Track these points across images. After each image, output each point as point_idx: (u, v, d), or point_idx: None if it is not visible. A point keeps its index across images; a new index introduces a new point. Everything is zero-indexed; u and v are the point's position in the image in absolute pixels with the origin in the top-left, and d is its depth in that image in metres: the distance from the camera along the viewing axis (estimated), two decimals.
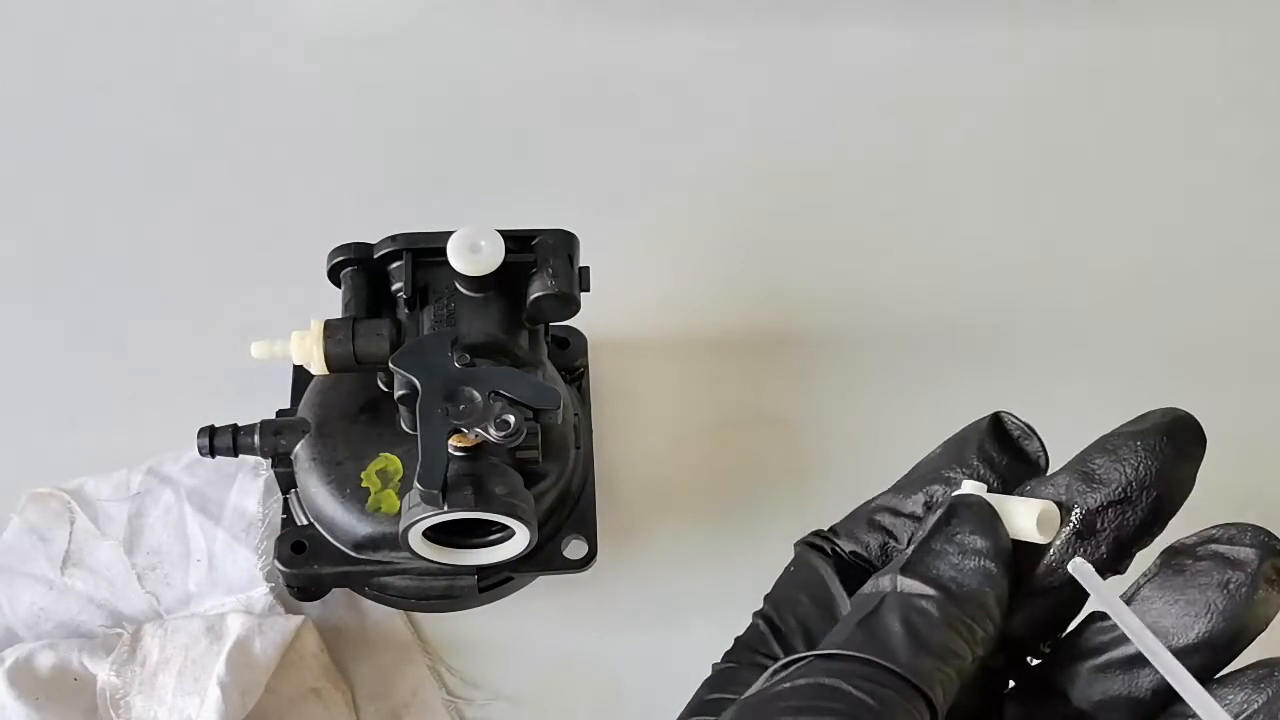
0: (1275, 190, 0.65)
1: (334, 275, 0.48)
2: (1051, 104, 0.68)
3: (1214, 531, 0.34)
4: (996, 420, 0.38)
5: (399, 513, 0.45)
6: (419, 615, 0.51)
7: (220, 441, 0.48)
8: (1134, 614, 0.33)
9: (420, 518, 0.43)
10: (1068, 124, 0.67)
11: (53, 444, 0.54)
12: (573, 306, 0.47)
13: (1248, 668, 0.33)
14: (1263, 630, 0.33)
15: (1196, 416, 0.35)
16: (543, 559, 0.49)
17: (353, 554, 0.48)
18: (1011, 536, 0.35)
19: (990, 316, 0.60)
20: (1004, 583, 0.34)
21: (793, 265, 0.62)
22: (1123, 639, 0.34)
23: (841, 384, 0.58)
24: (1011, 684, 0.38)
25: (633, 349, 0.58)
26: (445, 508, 0.43)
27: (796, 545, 0.39)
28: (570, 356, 0.54)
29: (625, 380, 0.57)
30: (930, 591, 0.34)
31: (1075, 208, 0.64)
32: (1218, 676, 0.33)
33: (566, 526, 0.50)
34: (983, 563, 0.34)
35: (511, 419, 0.42)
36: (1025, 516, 0.35)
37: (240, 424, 0.49)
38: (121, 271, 0.59)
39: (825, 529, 0.39)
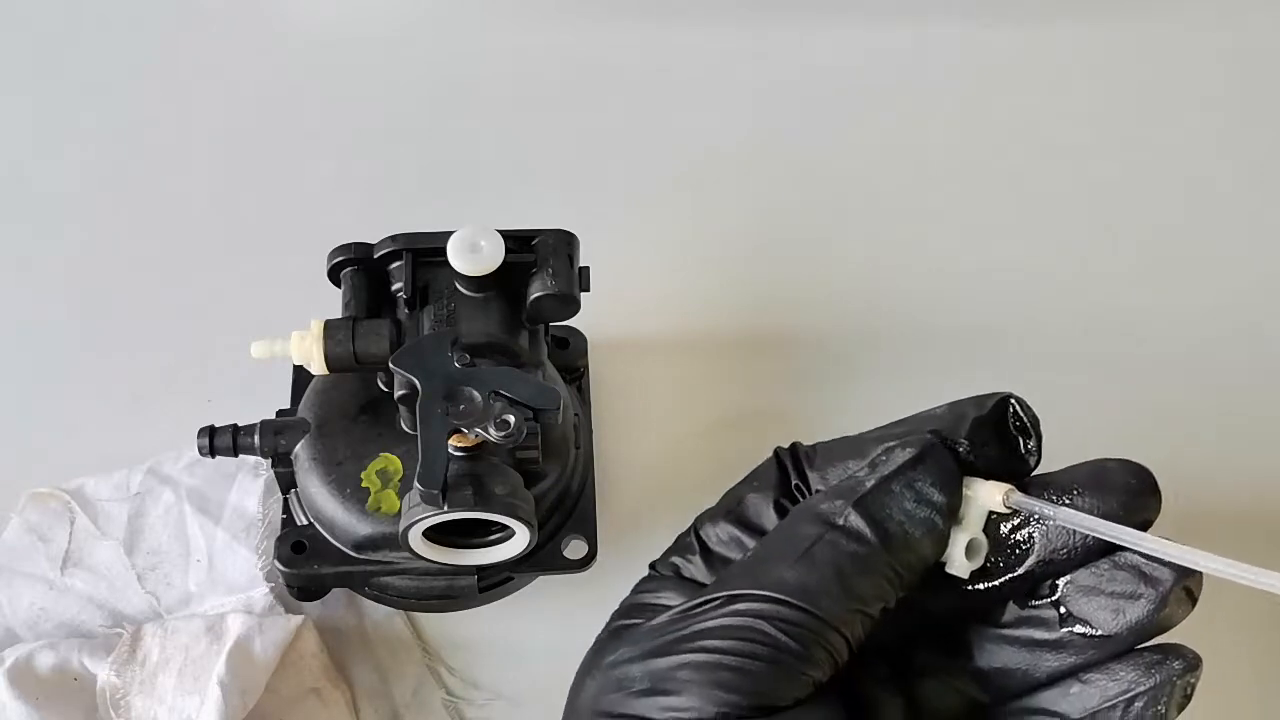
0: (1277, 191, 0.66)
1: (334, 275, 0.48)
2: (1053, 104, 0.68)
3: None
4: (1001, 405, 0.37)
5: (399, 513, 0.45)
6: (419, 615, 0.51)
7: (220, 441, 0.48)
8: (1086, 515, 0.35)
9: (420, 518, 0.43)
10: (1069, 124, 0.67)
11: (53, 444, 0.54)
12: (573, 306, 0.47)
13: (1146, 648, 0.35)
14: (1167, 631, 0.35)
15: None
16: (543, 559, 0.49)
17: (353, 554, 0.48)
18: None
19: (990, 316, 0.60)
20: (944, 540, 0.36)
21: (793, 265, 0.62)
22: (1031, 621, 0.36)
23: (841, 384, 0.58)
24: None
25: (633, 349, 0.58)
26: (445, 508, 0.43)
27: (775, 451, 0.40)
28: (570, 356, 0.54)
29: (625, 380, 0.57)
30: (870, 536, 0.35)
31: (1077, 208, 0.64)
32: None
33: (566, 526, 0.50)
34: (933, 516, 0.35)
35: (511, 419, 0.42)
36: (956, 544, 0.36)
37: (240, 424, 0.49)
38: (121, 271, 0.59)
39: (808, 446, 0.40)
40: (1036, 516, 0.35)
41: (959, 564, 0.36)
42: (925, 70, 0.69)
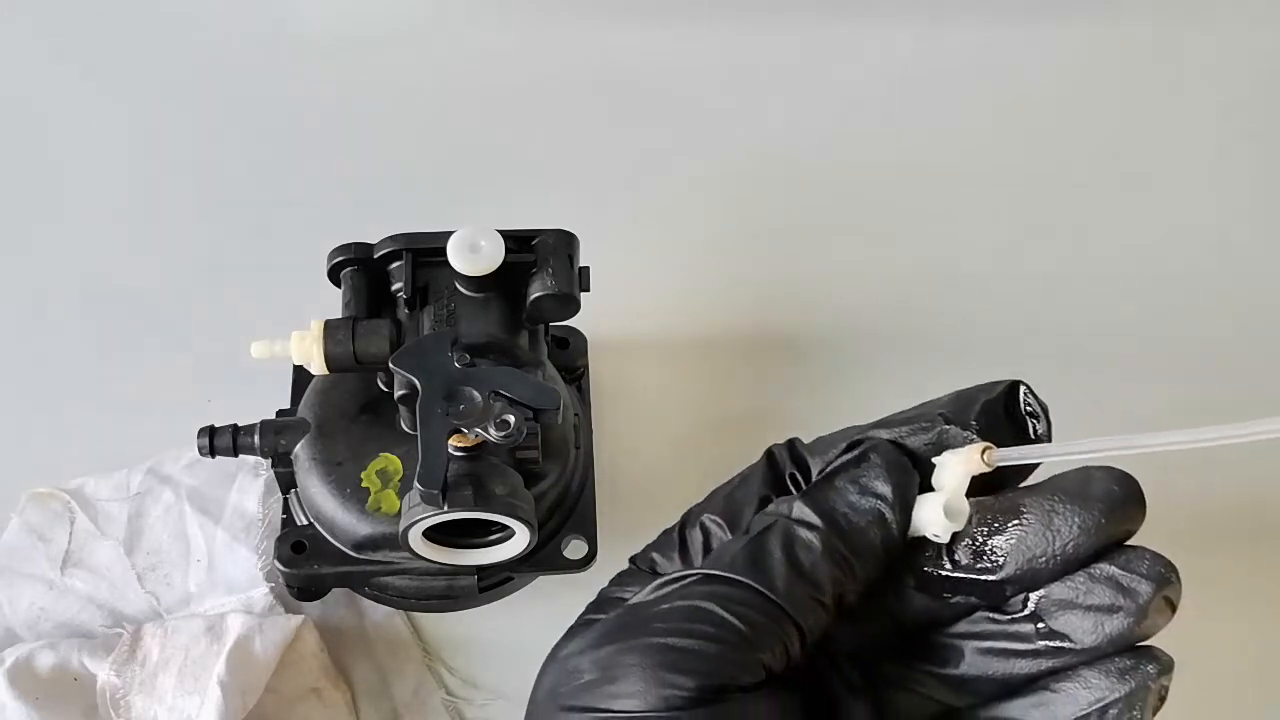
0: (1276, 191, 0.65)
1: (334, 275, 0.48)
2: (1053, 104, 0.68)
3: (1114, 554, 0.34)
4: (1012, 389, 0.37)
5: (399, 513, 0.45)
6: (419, 615, 0.51)
7: (220, 441, 0.48)
8: (1062, 444, 0.35)
9: (420, 518, 0.43)
10: (1070, 124, 0.67)
11: (53, 444, 0.54)
12: (573, 306, 0.47)
13: (1118, 655, 0.34)
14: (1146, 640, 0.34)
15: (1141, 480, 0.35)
16: (543, 559, 0.49)
17: (353, 554, 0.48)
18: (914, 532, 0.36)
19: (991, 316, 0.60)
20: (894, 531, 0.35)
21: (793, 265, 0.61)
22: (1007, 634, 0.35)
23: (842, 384, 0.57)
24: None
25: (633, 349, 0.58)
26: (445, 508, 0.43)
27: (769, 449, 0.40)
28: (570, 356, 0.54)
29: (625, 380, 0.57)
30: (818, 523, 0.35)
31: (1077, 208, 0.64)
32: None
33: (566, 526, 0.50)
34: (878, 505, 0.35)
35: (511, 419, 0.42)
36: (932, 507, 0.35)
37: (240, 424, 0.49)
38: (122, 272, 0.59)
39: (803, 441, 0.40)
40: (1018, 518, 0.34)
41: (938, 524, 0.35)
42: (927, 71, 0.69)
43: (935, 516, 0.35)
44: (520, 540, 0.45)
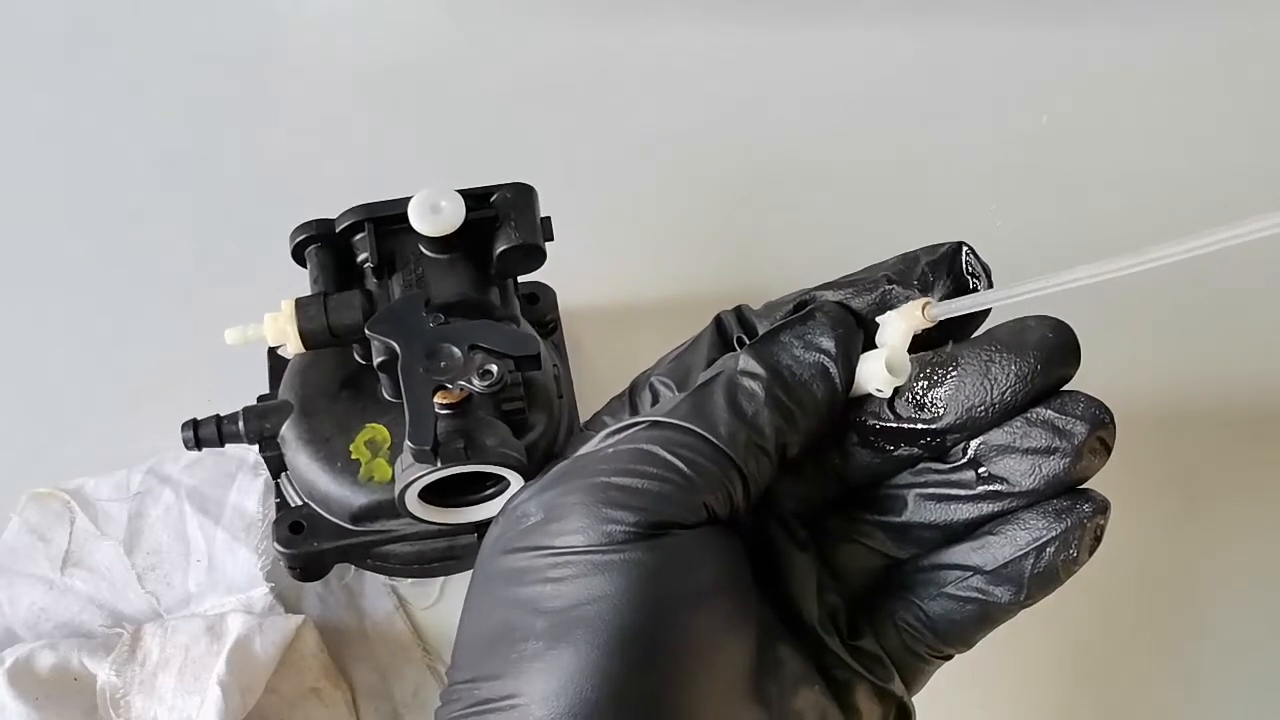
0: (1275, 192, 0.66)
1: (298, 254, 0.48)
2: (1051, 102, 0.68)
3: (1051, 399, 0.35)
4: (955, 251, 0.38)
5: (392, 479, 0.45)
6: (420, 615, 0.51)
7: (205, 432, 0.48)
8: (998, 291, 0.35)
9: (416, 477, 0.43)
10: (1070, 123, 0.68)
11: (53, 444, 0.54)
12: (539, 256, 0.48)
13: (1056, 497, 0.35)
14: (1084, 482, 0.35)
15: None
16: None
17: (350, 527, 0.48)
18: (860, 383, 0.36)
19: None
20: (837, 385, 0.36)
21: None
22: (948, 483, 0.36)
23: None
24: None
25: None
26: (439, 464, 0.43)
27: (718, 315, 0.40)
28: (540, 311, 0.54)
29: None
30: (762, 373, 0.35)
31: (1074, 206, 0.65)
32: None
33: None
34: (821, 359, 0.36)
35: (494, 368, 0.42)
36: (875, 362, 0.36)
37: (222, 414, 0.48)
38: (121, 271, 0.59)
39: (751, 307, 0.40)
40: (956, 369, 0.35)
41: (880, 379, 0.35)
42: (918, 66, 0.69)
43: (878, 371, 0.36)
44: (515, 490, 0.45)
